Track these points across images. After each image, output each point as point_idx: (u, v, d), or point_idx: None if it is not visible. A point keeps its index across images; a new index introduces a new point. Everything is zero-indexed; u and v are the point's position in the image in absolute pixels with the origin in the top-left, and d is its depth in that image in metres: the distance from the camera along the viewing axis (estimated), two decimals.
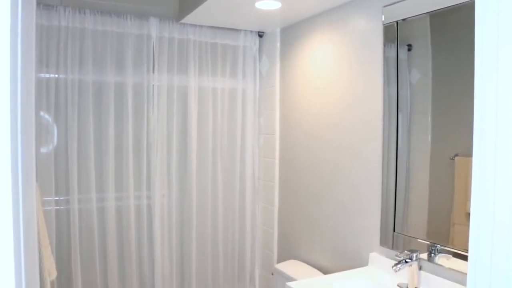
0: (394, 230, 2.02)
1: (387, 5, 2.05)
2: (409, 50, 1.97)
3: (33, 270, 0.88)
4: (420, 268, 1.84)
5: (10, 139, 0.68)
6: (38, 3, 2.45)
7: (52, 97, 2.58)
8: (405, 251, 1.84)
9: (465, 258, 1.66)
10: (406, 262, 1.77)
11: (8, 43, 0.67)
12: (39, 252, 1.46)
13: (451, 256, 1.73)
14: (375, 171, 2.16)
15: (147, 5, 2.85)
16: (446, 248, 1.75)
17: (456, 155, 1.73)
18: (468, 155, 1.69)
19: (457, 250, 1.71)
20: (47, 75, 2.57)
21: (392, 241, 2.03)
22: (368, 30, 2.20)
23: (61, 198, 2.64)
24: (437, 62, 1.83)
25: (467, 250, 0.73)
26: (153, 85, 2.87)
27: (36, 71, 2.52)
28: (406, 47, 1.98)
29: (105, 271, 2.76)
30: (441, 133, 1.81)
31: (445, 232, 1.77)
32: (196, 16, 2.72)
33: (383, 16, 2.08)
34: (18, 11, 0.71)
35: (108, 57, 2.71)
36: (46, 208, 2.55)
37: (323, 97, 2.57)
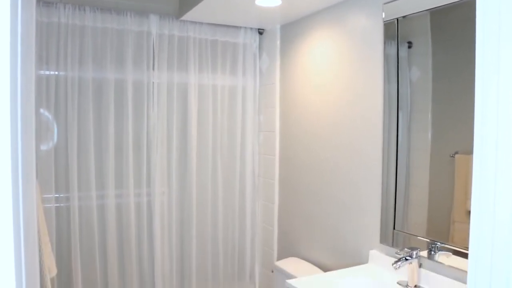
0: (394, 228, 2.03)
1: (388, 2, 2.04)
2: (410, 48, 1.96)
3: (33, 267, 0.89)
4: (420, 266, 1.84)
5: (10, 137, 0.68)
6: (38, 0, 2.45)
7: (52, 95, 2.58)
8: (405, 249, 1.84)
9: (465, 256, 1.67)
10: (406, 260, 1.78)
11: (8, 40, 0.67)
12: (39, 249, 1.46)
13: (451, 254, 1.73)
14: (375, 169, 2.16)
15: (147, 2, 2.84)
16: (446, 246, 1.76)
17: (456, 153, 1.73)
18: (468, 153, 1.69)
19: (457, 248, 1.71)
20: (47, 72, 2.56)
21: (392, 239, 2.03)
22: (369, 27, 2.20)
23: (61, 196, 2.64)
24: (438, 60, 1.83)
25: (467, 248, 0.73)
26: (153, 82, 2.87)
27: (36, 68, 2.52)
28: (407, 45, 1.97)
29: (105, 268, 2.76)
30: (441, 131, 1.81)
31: (445, 230, 1.78)
32: (196, 13, 2.72)
33: (384, 13, 2.07)
34: (18, 8, 0.71)
35: (108, 54, 2.71)
36: (46, 206, 2.55)
37: (323, 95, 2.56)
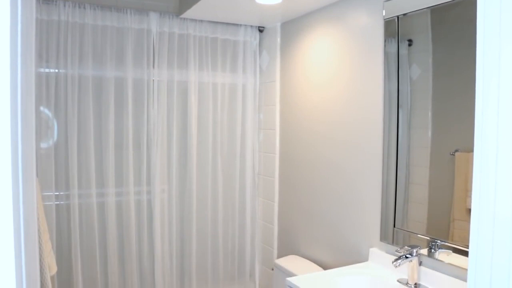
0: (394, 226, 2.03)
1: (388, 0, 2.04)
2: (410, 45, 1.96)
3: (34, 265, 0.89)
4: (420, 264, 1.85)
5: (10, 134, 0.68)
6: None
7: (52, 92, 2.58)
8: (405, 247, 1.84)
9: (465, 254, 1.67)
10: (406, 258, 1.78)
11: (8, 38, 0.67)
12: (40, 247, 1.46)
13: (451, 252, 1.73)
14: (376, 167, 2.16)
15: (147, 0, 2.84)
16: (446, 244, 1.76)
17: (457, 151, 1.73)
18: (469, 151, 1.69)
19: (457, 246, 1.71)
20: (47, 70, 2.56)
21: (392, 237, 2.04)
22: (369, 25, 2.20)
23: (61, 193, 2.64)
24: (438, 58, 1.83)
25: (467, 246, 0.73)
26: (153, 80, 2.86)
27: (36, 66, 2.52)
28: (407, 42, 1.97)
29: (105, 266, 2.76)
30: (442, 129, 1.81)
31: (445, 228, 1.78)
32: (196, 11, 2.71)
33: (384, 11, 2.07)
34: (18, 6, 0.71)
35: (108, 52, 2.70)
36: (46, 203, 2.55)
37: (324, 93, 2.56)
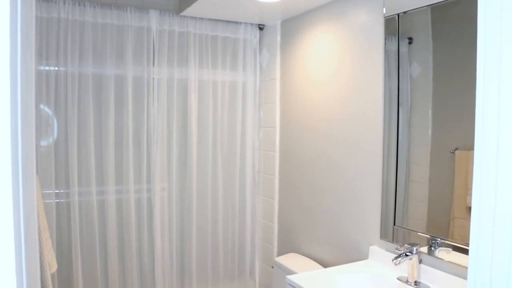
0: (394, 224, 2.03)
1: None
2: (410, 43, 1.96)
3: (34, 263, 0.89)
4: (420, 262, 1.85)
5: (10, 132, 0.68)
6: None
7: (52, 90, 2.57)
8: (405, 245, 1.84)
9: (465, 252, 1.67)
10: (406, 256, 1.78)
11: (8, 36, 0.67)
12: (40, 245, 1.46)
13: (451, 250, 1.74)
14: (376, 165, 2.16)
15: None
16: (446, 242, 1.76)
17: (457, 149, 1.73)
18: (469, 149, 1.69)
19: (457, 244, 1.71)
20: (47, 68, 2.56)
21: (392, 235, 2.04)
22: (369, 23, 2.19)
23: (61, 191, 2.64)
24: (438, 55, 1.82)
25: (467, 244, 0.73)
26: (153, 78, 2.86)
27: (36, 64, 2.52)
28: (407, 40, 1.97)
29: (106, 264, 2.77)
30: (442, 127, 1.81)
31: (445, 226, 1.78)
32: (196, 9, 2.71)
33: (384, 9, 2.06)
34: (18, 4, 0.71)
35: (108, 50, 2.70)
36: (46, 201, 2.55)
37: (324, 90, 2.56)
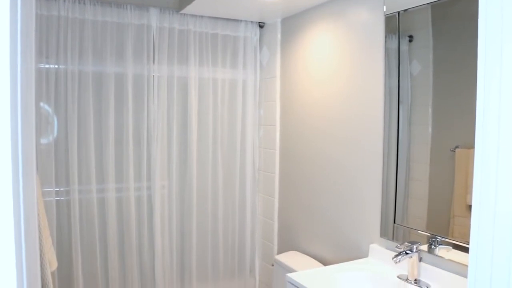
0: (395, 222, 2.03)
1: None
2: (410, 41, 1.96)
3: (34, 261, 0.89)
4: (420, 260, 1.85)
5: (11, 130, 0.68)
6: None
7: (52, 88, 2.57)
8: (405, 243, 1.84)
9: (465, 250, 1.67)
10: (406, 254, 1.78)
11: (8, 34, 0.67)
12: (40, 243, 1.46)
13: (451, 248, 1.74)
14: (376, 163, 2.16)
15: None
16: (446, 240, 1.76)
17: (457, 147, 1.73)
18: (469, 147, 1.69)
19: (457, 242, 1.71)
20: (47, 66, 2.56)
21: (393, 233, 2.04)
22: (370, 21, 2.19)
23: (62, 189, 2.64)
24: (439, 54, 1.82)
25: (468, 242, 0.73)
26: (153, 76, 2.86)
27: (36, 62, 2.51)
28: (407, 38, 1.97)
29: (106, 262, 2.77)
30: (442, 125, 1.81)
31: (445, 224, 1.78)
32: (197, 7, 2.70)
33: (385, 7, 2.06)
34: (18, 2, 0.71)
35: (108, 48, 2.70)
36: (47, 199, 2.56)
37: (324, 88, 2.56)
